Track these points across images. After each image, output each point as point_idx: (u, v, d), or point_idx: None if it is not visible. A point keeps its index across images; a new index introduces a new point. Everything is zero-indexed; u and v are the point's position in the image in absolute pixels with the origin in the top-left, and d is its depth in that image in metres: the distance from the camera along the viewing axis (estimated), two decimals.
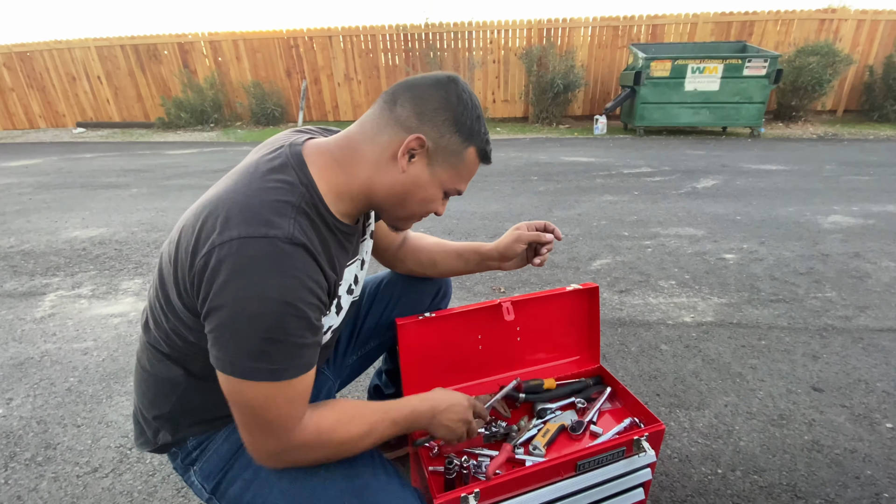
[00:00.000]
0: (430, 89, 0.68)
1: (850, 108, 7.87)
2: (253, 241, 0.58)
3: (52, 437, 1.39)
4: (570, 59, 7.49)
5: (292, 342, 0.61)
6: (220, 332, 0.60)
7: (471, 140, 0.70)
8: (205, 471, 0.77)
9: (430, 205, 0.75)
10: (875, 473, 1.19)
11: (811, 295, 2.13)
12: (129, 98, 8.87)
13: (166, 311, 0.69)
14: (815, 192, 3.80)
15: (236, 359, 0.60)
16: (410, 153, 0.68)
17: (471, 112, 0.69)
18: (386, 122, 0.68)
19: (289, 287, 0.59)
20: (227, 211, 0.61)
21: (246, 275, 0.58)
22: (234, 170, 0.70)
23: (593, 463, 0.93)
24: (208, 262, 0.59)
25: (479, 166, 0.75)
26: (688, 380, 1.57)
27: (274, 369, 0.61)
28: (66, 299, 2.25)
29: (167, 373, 0.74)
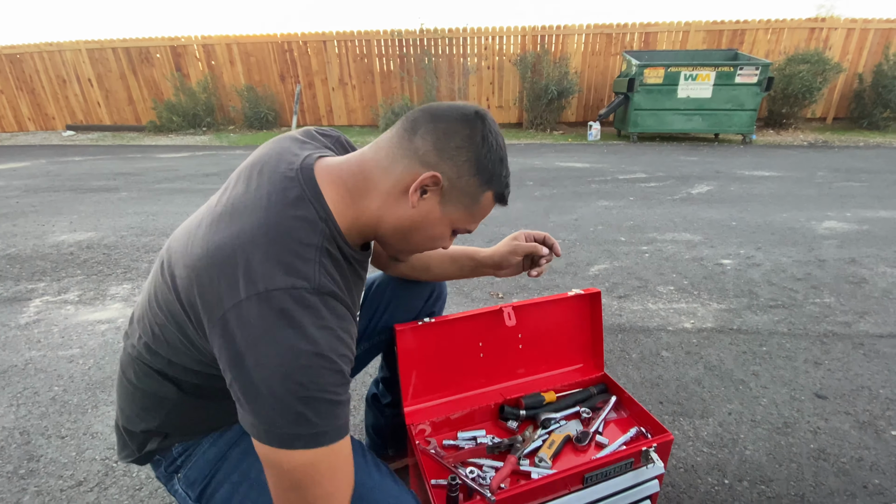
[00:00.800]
0: (455, 124, 0.63)
1: (839, 116, 7.98)
2: (280, 294, 0.54)
3: (35, 449, 1.33)
4: (563, 65, 7.54)
5: (329, 399, 0.55)
6: (251, 396, 0.55)
7: (490, 184, 0.66)
8: (189, 477, 0.73)
9: (436, 242, 0.71)
10: (883, 482, 1.17)
11: (810, 300, 2.13)
12: (120, 101, 8.78)
13: (161, 340, 0.65)
14: (809, 198, 3.83)
15: (272, 424, 0.54)
16: (423, 189, 0.64)
17: (494, 154, 0.65)
18: (403, 152, 0.63)
19: (321, 340, 0.55)
20: (248, 258, 0.56)
21: (275, 331, 0.53)
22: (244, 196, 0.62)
23: (601, 475, 0.90)
24: (231, 320, 0.54)
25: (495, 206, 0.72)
26: (690, 387, 1.55)
27: (314, 434, 0.55)
28: (52, 305, 2.18)
29: (157, 388, 0.70)
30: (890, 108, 7.24)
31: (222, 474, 0.71)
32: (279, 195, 0.61)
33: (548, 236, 0.96)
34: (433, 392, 1.07)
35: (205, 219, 0.63)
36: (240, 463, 0.72)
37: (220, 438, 0.74)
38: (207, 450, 0.73)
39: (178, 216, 3.56)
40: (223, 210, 0.62)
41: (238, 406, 0.57)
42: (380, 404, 1.15)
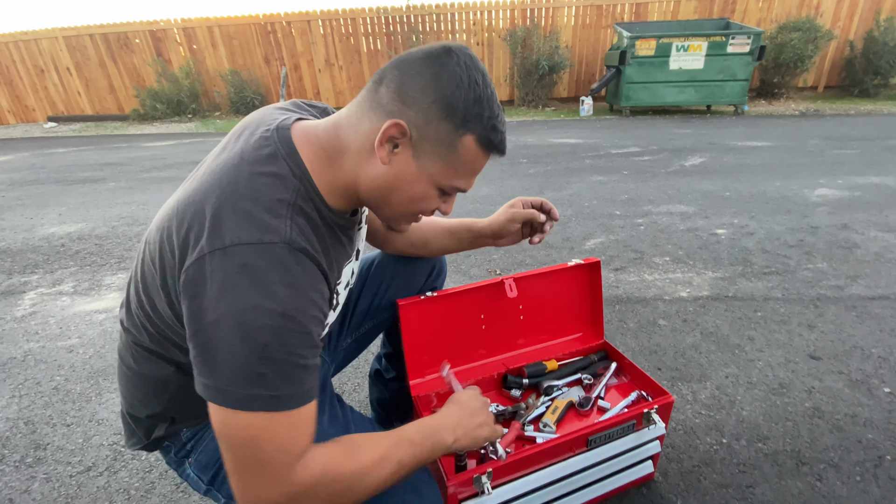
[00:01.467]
0: (419, 64, 0.57)
1: (830, 84, 7.95)
2: (246, 248, 0.51)
3: (41, 438, 1.34)
4: (554, 39, 7.41)
5: (293, 363, 0.53)
6: (208, 354, 0.52)
7: (465, 127, 0.58)
8: (201, 462, 0.73)
9: (420, 203, 0.64)
10: (876, 437, 1.20)
11: (803, 266, 2.15)
12: (101, 90, 8.55)
13: (152, 317, 0.63)
14: (801, 166, 3.84)
15: (229, 385, 0.51)
16: (392, 142, 0.58)
17: (467, 92, 0.56)
18: (369, 105, 0.59)
19: (288, 298, 0.52)
20: (215, 212, 0.53)
21: (239, 286, 0.50)
22: (217, 159, 0.61)
23: (604, 437, 0.92)
24: (196, 274, 0.52)
25: (491, 158, 0.63)
26: (688, 353, 1.57)
27: (274, 396, 0.52)
28: (48, 297, 2.17)
29: (157, 371, 0.69)
30: (881, 74, 7.22)
31: None
32: (252, 153, 0.59)
33: (545, 202, 0.94)
34: (437, 365, 1.08)
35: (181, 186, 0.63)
36: None
37: None
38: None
39: None
40: (197, 173, 0.62)
41: (194, 368, 0.54)
42: (384, 379, 1.16)
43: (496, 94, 0.61)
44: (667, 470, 1.13)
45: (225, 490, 0.72)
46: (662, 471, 1.12)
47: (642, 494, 1.06)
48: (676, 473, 1.12)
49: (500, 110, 0.61)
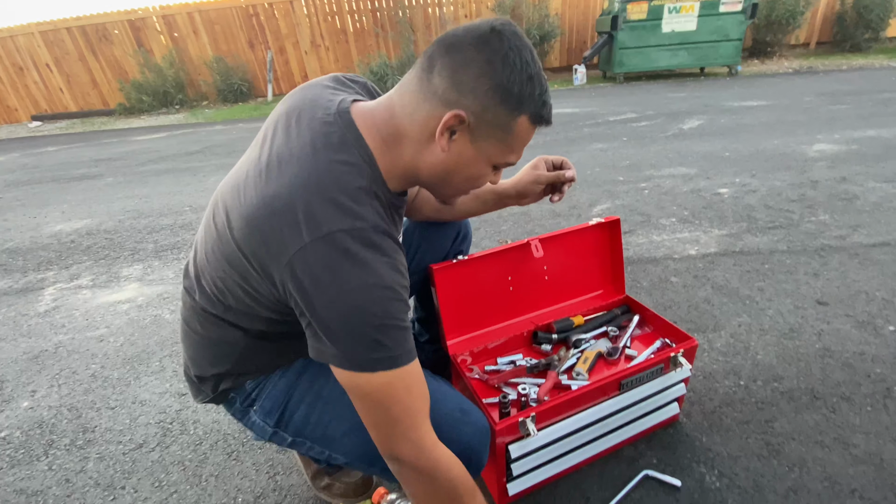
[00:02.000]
0: (470, 51, 0.58)
1: (822, 41, 7.91)
2: (343, 234, 0.57)
3: (87, 422, 1.39)
4: (543, 8, 7.30)
5: (400, 326, 0.60)
6: (328, 330, 0.58)
7: (521, 108, 0.61)
8: (265, 407, 0.79)
9: (477, 181, 0.69)
10: (884, 371, 1.28)
11: (806, 219, 2.21)
12: (83, 85, 8.38)
13: (237, 292, 0.67)
14: (798, 123, 3.87)
15: (353, 352, 0.59)
16: (451, 130, 0.62)
17: (520, 74, 0.59)
18: (424, 95, 0.61)
19: (385, 274, 0.58)
20: (307, 204, 0.57)
21: (345, 268, 0.56)
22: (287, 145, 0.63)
23: (635, 381, 0.98)
24: (302, 262, 0.57)
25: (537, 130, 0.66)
26: (701, 306, 1.64)
27: (390, 357, 0.59)
28: (67, 291, 2.19)
29: (224, 335, 0.74)
30: (871, 28, 7.19)
31: (296, 399, 0.77)
32: (323, 140, 0.62)
33: (565, 161, 0.97)
34: (470, 325, 1.14)
35: (251, 171, 0.64)
36: (311, 386, 0.78)
37: (288, 370, 0.79)
38: (278, 381, 0.78)
39: (171, 196, 3.51)
40: (269, 161, 0.63)
41: (316, 342, 0.61)
42: (418, 342, 1.21)
43: (539, 65, 0.62)
44: (690, 412, 1.20)
45: (291, 428, 0.77)
46: (686, 413, 1.19)
47: (669, 434, 1.13)
48: (699, 414, 1.19)
49: (545, 82, 0.63)
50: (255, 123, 6.43)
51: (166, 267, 2.34)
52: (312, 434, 0.77)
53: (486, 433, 0.75)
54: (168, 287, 2.14)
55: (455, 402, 0.74)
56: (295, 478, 1.13)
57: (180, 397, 1.44)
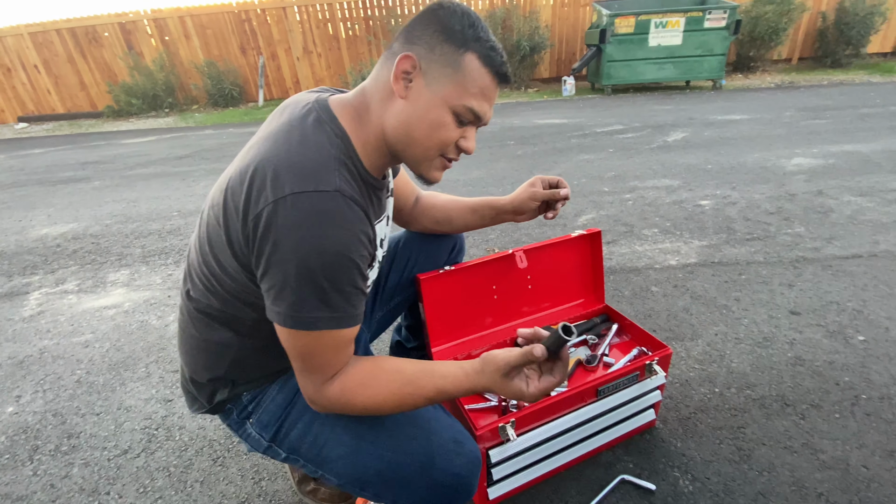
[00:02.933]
0: (418, 14, 0.68)
1: (804, 56, 8.14)
2: (306, 195, 0.60)
3: (72, 427, 1.39)
4: (534, 19, 7.42)
5: (348, 291, 0.64)
6: (280, 287, 0.62)
7: (466, 46, 0.65)
8: (262, 421, 0.80)
9: (440, 131, 0.68)
10: (853, 379, 1.33)
11: (782, 231, 2.28)
12: (71, 87, 8.30)
13: (219, 274, 0.70)
14: (778, 137, 3.98)
15: (297, 310, 0.62)
16: (406, 77, 0.67)
17: (461, 18, 0.65)
18: (384, 60, 0.69)
19: (344, 239, 0.61)
20: (275, 169, 0.61)
21: (303, 229, 0.59)
22: (265, 134, 0.70)
23: (612, 388, 1.02)
24: (262, 220, 0.60)
25: (495, 83, 0.68)
26: (679, 315, 1.69)
27: (332, 318, 0.63)
28: (53, 296, 2.18)
29: (218, 337, 0.76)
30: (852, 44, 7.41)
31: (294, 416, 0.78)
32: (298, 120, 0.68)
33: (561, 180, 1.01)
34: (455, 333, 1.17)
35: (236, 160, 0.71)
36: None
37: (286, 385, 0.81)
38: (276, 395, 0.80)
39: (160, 200, 3.50)
40: (250, 144, 0.71)
41: (266, 299, 0.65)
42: (405, 349, 1.24)
43: (488, 29, 0.68)
44: (666, 418, 1.24)
45: (286, 444, 0.79)
46: (662, 419, 1.23)
47: (646, 440, 1.17)
48: (675, 420, 1.23)
49: (495, 41, 0.68)
50: (245, 128, 6.42)
51: (153, 272, 2.34)
52: (307, 453, 0.78)
53: (477, 464, 0.76)
54: (155, 293, 2.14)
55: (450, 433, 0.76)
56: (280, 483, 1.15)
57: (166, 403, 1.45)
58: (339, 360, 0.68)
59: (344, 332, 0.66)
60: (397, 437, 0.73)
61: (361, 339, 0.94)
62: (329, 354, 0.66)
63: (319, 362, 0.66)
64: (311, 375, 0.68)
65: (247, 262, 0.65)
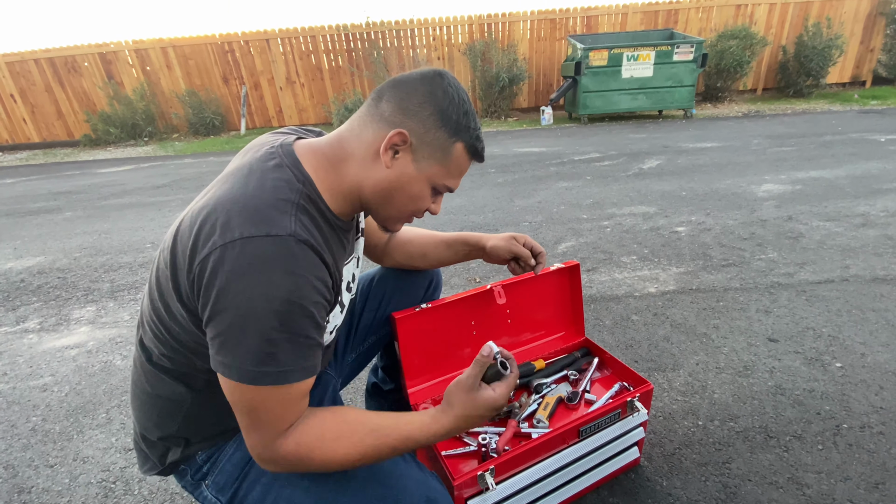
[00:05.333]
0: (415, 83, 0.68)
1: (768, 87, 8.57)
2: (256, 240, 0.57)
3: (23, 482, 1.29)
4: (512, 52, 7.68)
5: (299, 342, 0.60)
6: (225, 336, 0.58)
7: (458, 135, 0.69)
8: (218, 483, 0.75)
9: (418, 202, 0.73)
10: (832, 408, 1.33)
11: (756, 257, 2.33)
12: (48, 115, 8.18)
13: (167, 321, 0.66)
14: (748, 164, 4.13)
15: (242, 362, 0.58)
16: (394, 149, 0.67)
17: (458, 107, 0.68)
18: (371, 118, 0.68)
19: (294, 286, 0.58)
20: (227, 212, 0.59)
21: (250, 275, 0.56)
22: (225, 174, 0.68)
23: (594, 428, 0.99)
24: (209, 265, 0.57)
25: (472, 164, 0.74)
26: (661, 345, 1.68)
27: (280, 372, 0.59)
28: (12, 336, 2.07)
29: (170, 392, 0.72)
30: (812, 76, 7.84)
31: (253, 476, 0.73)
32: (259, 164, 0.66)
33: (542, 254, 1.05)
34: (432, 372, 1.13)
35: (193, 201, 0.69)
36: None
37: (244, 443, 0.75)
38: (233, 454, 0.75)
39: (133, 232, 3.41)
40: (209, 186, 0.69)
41: (211, 348, 0.60)
42: (382, 391, 1.19)
43: (474, 111, 0.72)
44: (651, 455, 1.21)
45: None
46: (647, 455, 1.20)
47: (630, 479, 1.14)
48: (660, 457, 1.20)
49: (478, 124, 0.73)
50: (226, 157, 6.38)
51: (121, 308, 2.25)
52: None
53: None
54: (122, 330, 2.04)
55: (422, 490, 0.71)
56: None
57: (126, 453, 1.36)
58: (290, 415, 0.63)
59: (295, 387, 0.61)
60: (365, 498, 0.69)
61: (329, 386, 0.90)
62: (278, 410, 0.61)
63: (268, 417, 0.61)
64: (259, 431, 0.62)
65: (194, 309, 0.62)
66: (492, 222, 3.08)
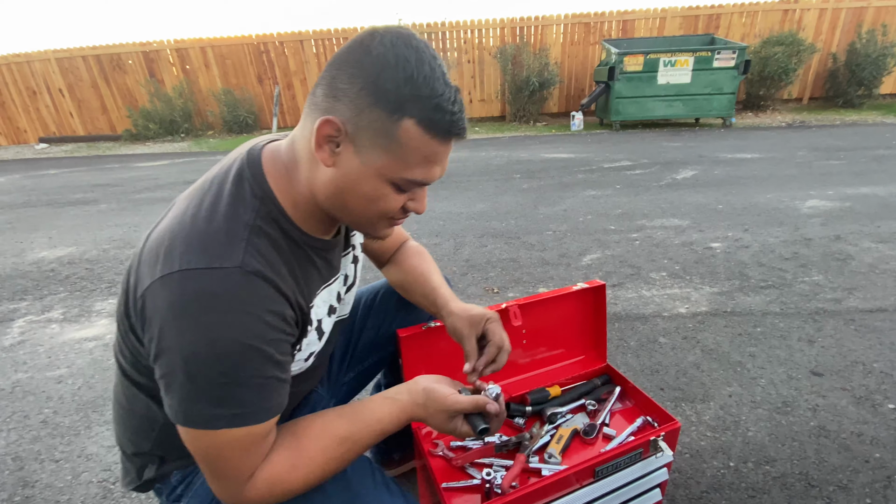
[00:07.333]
0: (345, 54, 0.53)
1: (815, 96, 8.13)
2: (195, 273, 0.51)
3: (29, 475, 1.29)
4: (543, 56, 7.54)
5: (254, 384, 0.54)
6: (168, 379, 0.53)
7: (402, 111, 0.52)
8: None
9: (379, 203, 0.58)
10: (884, 456, 1.19)
11: (799, 279, 2.16)
12: (93, 110, 8.55)
13: (131, 340, 0.62)
14: (791, 178, 3.89)
15: (190, 407, 0.53)
16: (332, 142, 0.54)
17: (396, 71, 0.51)
18: (309, 108, 0.56)
19: (241, 326, 0.51)
20: (172, 238, 0.53)
21: (191, 315, 0.50)
22: (193, 187, 0.62)
23: (611, 468, 0.90)
24: (147, 300, 0.52)
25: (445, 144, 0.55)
26: (690, 372, 1.56)
27: (236, 415, 0.53)
28: (36, 325, 2.12)
29: (144, 409, 0.67)
30: (864, 85, 7.39)
31: None
32: (220, 177, 0.60)
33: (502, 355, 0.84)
34: None
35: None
36: None
37: None
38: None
39: None
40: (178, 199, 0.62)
41: (160, 387, 0.55)
42: None
43: (441, 72, 0.53)
44: (675, 497, 1.10)
45: None
46: (670, 497, 1.10)
47: None
48: (684, 500, 1.10)
49: (445, 88, 0.53)
50: None
51: None
52: None
53: None
54: None
55: None
56: None
57: None
58: (251, 461, 0.56)
59: (253, 430, 0.55)
60: None
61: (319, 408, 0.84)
62: (237, 457, 0.55)
63: (227, 466, 0.55)
64: (221, 482, 0.56)
65: (143, 341, 0.56)
66: (514, 230, 2.99)
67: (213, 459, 0.55)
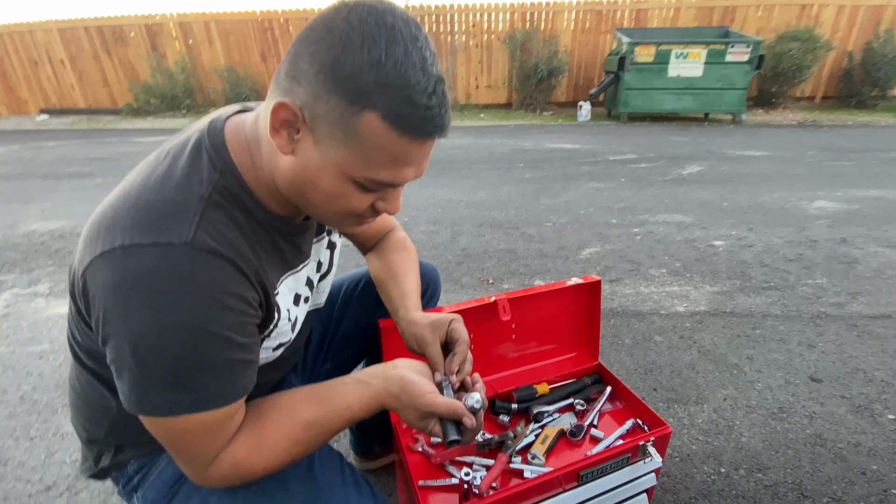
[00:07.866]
0: (312, 30, 0.46)
1: (828, 95, 7.96)
2: (140, 250, 0.46)
3: (3, 452, 1.26)
4: (553, 44, 7.38)
5: (214, 367, 0.50)
6: (118, 365, 0.49)
7: (364, 102, 0.44)
8: (148, 497, 0.67)
9: (341, 202, 0.52)
10: (881, 468, 1.15)
11: (802, 282, 2.11)
12: (94, 83, 8.43)
13: (79, 327, 0.58)
14: (799, 177, 3.81)
15: (143, 395, 0.49)
16: (291, 127, 0.48)
17: (359, 54, 0.43)
18: (272, 88, 0.50)
19: (195, 309, 0.47)
20: (116, 211, 0.49)
21: (135, 298, 0.45)
22: (148, 158, 0.57)
23: (597, 472, 0.86)
24: (88, 279, 0.48)
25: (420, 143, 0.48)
26: (684, 373, 1.52)
27: (196, 399, 0.50)
28: (22, 298, 2.08)
29: (97, 396, 0.63)
30: (879, 86, 7.23)
31: (184, 494, 0.65)
32: (177, 147, 0.54)
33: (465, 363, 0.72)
34: None
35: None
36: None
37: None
38: (164, 469, 0.66)
39: None
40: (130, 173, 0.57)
41: (114, 377, 0.51)
42: None
43: (419, 57, 0.45)
44: (662, 502, 1.07)
45: None
46: (658, 503, 1.06)
47: None
48: None
49: (422, 77, 0.44)
50: None
51: None
52: None
53: None
54: None
55: None
56: None
57: None
58: (215, 444, 0.54)
59: (216, 414, 0.51)
60: None
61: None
62: (199, 441, 0.52)
63: (190, 450, 0.53)
64: (186, 464, 0.55)
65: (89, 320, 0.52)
66: (514, 220, 2.93)
67: (175, 443, 0.53)
